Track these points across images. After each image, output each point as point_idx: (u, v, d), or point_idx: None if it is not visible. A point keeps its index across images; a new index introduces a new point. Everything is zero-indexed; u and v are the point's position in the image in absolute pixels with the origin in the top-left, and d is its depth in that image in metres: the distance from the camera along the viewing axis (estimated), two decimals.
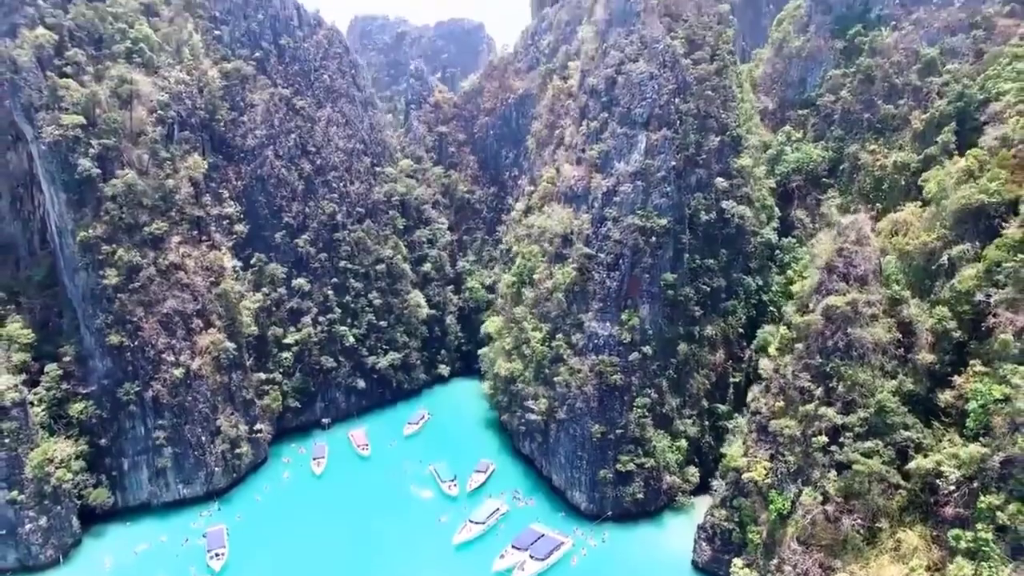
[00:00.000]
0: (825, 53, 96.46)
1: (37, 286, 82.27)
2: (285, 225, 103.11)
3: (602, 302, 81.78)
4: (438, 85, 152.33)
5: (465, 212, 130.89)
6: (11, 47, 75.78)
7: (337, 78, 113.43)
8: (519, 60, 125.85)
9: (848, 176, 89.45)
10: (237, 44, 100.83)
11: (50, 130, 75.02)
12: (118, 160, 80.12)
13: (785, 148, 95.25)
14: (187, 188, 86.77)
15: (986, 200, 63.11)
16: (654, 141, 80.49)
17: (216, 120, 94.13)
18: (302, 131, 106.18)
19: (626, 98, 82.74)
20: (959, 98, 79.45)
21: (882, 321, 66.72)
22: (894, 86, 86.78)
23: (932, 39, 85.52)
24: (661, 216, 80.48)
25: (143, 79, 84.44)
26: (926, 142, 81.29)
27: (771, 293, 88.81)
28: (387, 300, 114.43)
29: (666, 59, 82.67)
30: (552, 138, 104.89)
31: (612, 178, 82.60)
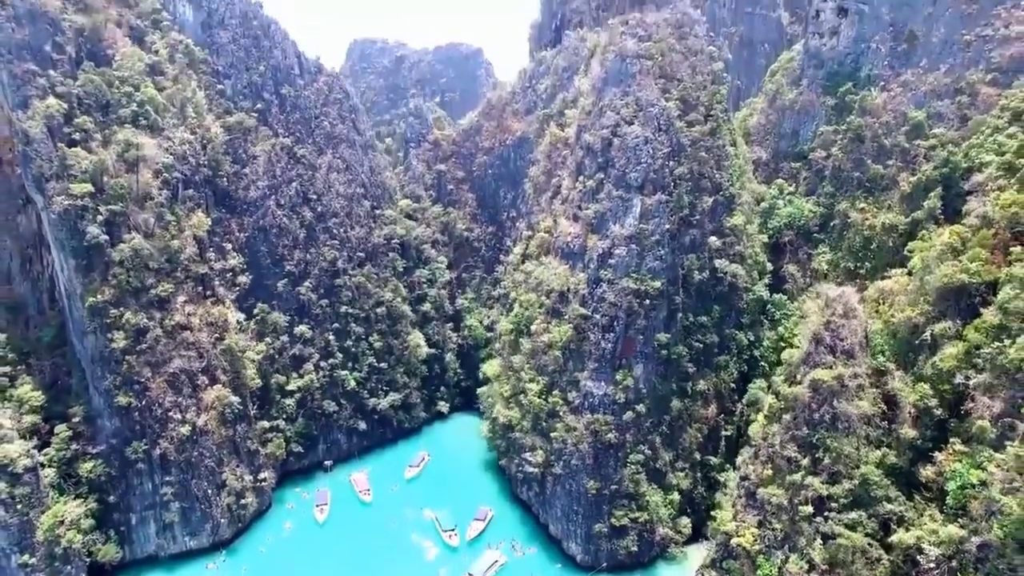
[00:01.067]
0: (817, 108, 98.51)
1: (47, 347, 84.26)
2: (287, 273, 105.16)
3: (597, 362, 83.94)
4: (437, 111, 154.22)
5: (464, 250, 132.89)
6: (23, 119, 77.70)
7: (337, 123, 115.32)
8: (517, 101, 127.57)
9: (839, 233, 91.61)
10: (239, 97, 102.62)
11: (60, 200, 77.04)
12: (125, 224, 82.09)
13: (778, 202, 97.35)
14: (191, 247, 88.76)
15: (967, 280, 65.38)
16: (648, 205, 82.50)
17: (219, 176, 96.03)
18: (303, 179, 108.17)
19: (621, 161, 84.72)
20: (945, 163, 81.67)
21: (868, 392, 69.14)
22: (883, 146, 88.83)
23: (919, 102, 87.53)
24: (655, 278, 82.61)
25: (148, 142, 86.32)
26: (914, 204, 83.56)
27: (762, 348, 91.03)
28: (387, 342, 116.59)
29: (661, 123, 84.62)
30: (549, 185, 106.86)
31: (608, 240, 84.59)
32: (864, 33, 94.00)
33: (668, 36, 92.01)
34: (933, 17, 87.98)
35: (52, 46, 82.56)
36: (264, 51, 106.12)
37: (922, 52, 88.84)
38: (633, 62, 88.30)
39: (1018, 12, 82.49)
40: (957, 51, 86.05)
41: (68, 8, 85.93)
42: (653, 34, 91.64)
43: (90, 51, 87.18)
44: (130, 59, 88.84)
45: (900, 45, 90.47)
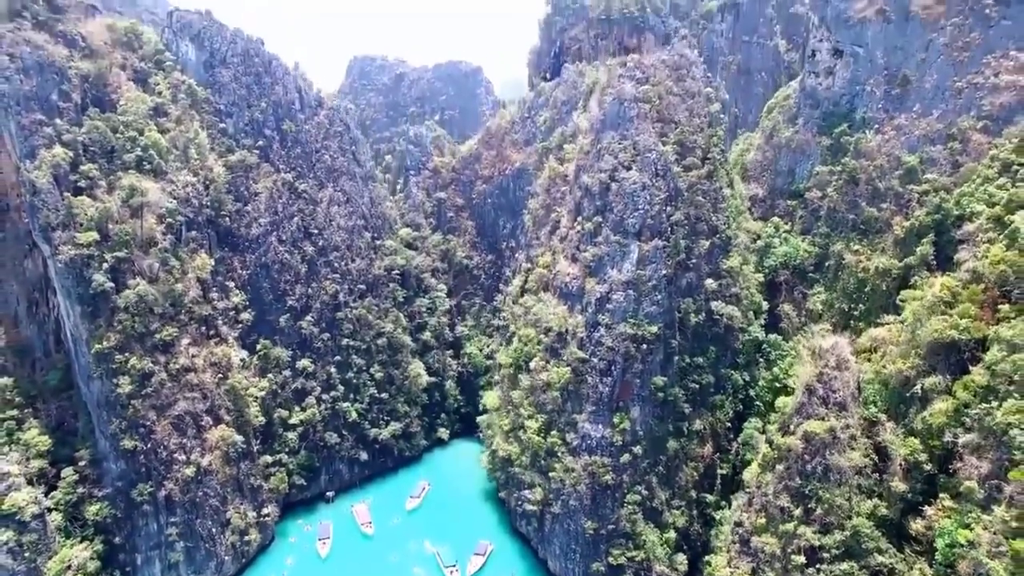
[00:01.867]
0: (812, 147, 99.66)
1: (53, 390, 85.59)
2: (289, 308, 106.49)
3: (595, 405, 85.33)
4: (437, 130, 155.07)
5: (463, 277, 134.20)
6: (31, 169, 78.88)
7: (338, 156, 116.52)
8: (516, 131, 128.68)
9: (833, 273, 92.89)
10: (241, 134, 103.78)
11: (66, 249, 78.29)
12: (130, 270, 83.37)
13: (774, 240, 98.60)
14: (195, 289, 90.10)
15: (957, 336, 66.76)
16: (646, 251, 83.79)
17: (222, 215, 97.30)
18: (304, 214, 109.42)
19: (619, 206, 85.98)
20: (937, 210, 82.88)
21: (860, 441, 70.73)
22: (877, 189, 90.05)
23: (912, 146, 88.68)
24: (652, 323, 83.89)
25: (152, 186, 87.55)
26: (907, 249, 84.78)
27: (757, 388, 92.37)
28: (388, 372, 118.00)
29: (658, 168, 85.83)
30: (548, 219, 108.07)
31: (606, 284, 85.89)
32: (859, 75, 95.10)
33: (666, 78, 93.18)
34: (926, 63, 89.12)
35: (58, 94, 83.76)
36: (265, 87, 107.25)
37: (915, 97, 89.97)
38: (631, 106, 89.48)
39: (1007, 62, 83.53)
40: (949, 97, 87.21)
41: (74, 55, 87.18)
42: (651, 76, 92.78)
43: (95, 97, 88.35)
44: (134, 103, 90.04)
45: (894, 89, 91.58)
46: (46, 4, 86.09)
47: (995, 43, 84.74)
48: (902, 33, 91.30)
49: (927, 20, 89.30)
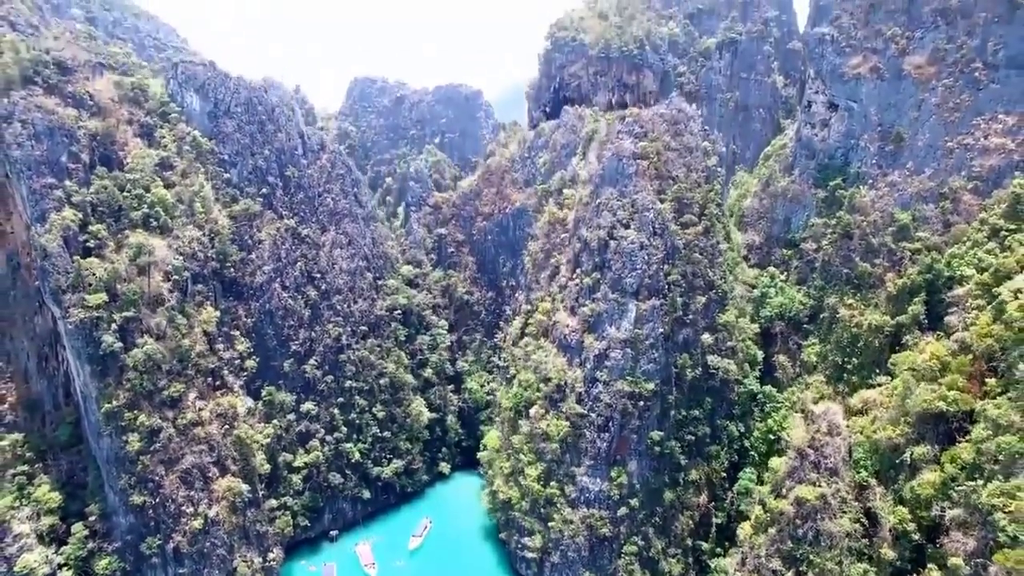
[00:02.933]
0: (808, 197, 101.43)
1: (63, 445, 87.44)
2: (293, 353, 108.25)
3: (593, 459, 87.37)
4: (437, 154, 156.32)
5: (464, 312, 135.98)
6: (41, 233, 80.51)
7: (340, 199, 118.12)
8: (516, 170, 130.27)
9: (827, 326, 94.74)
10: (245, 183, 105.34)
11: (76, 312, 79.96)
12: (138, 329, 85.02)
13: (769, 290, 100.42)
14: (201, 343, 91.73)
15: (945, 408, 68.74)
16: (643, 310, 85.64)
17: (226, 266, 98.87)
18: (307, 258, 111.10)
19: (617, 264, 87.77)
20: (928, 269, 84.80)
21: (851, 505, 72.85)
22: (870, 245, 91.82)
23: (905, 203, 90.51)
24: (649, 380, 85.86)
25: (159, 243, 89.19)
26: (899, 307, 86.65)
27: (752, 439, 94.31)
28: (390, 411, 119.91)
29: (656, 227, 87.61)
30: (548, 264, 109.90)
31: (604, 341, 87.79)
32: (853, 130, 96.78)
33: (664, 133, 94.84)
34: (918, 121, 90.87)
35: (68, 155, 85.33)
36: (268, 135, 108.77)
37: (908, 154, 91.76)
38: (629, 162, 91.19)
39: (996, 125, 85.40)
40: (941, 156, 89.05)
41: (83, 115, 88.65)
42: (649, 131, 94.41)
43: (103, 155, 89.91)
44: (140, 160, 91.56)
45: (887, 145, 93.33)
46: (56, 67, 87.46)
47: (984, 105, 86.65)
48: (895, 91, 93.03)
49: (919, 80, 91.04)
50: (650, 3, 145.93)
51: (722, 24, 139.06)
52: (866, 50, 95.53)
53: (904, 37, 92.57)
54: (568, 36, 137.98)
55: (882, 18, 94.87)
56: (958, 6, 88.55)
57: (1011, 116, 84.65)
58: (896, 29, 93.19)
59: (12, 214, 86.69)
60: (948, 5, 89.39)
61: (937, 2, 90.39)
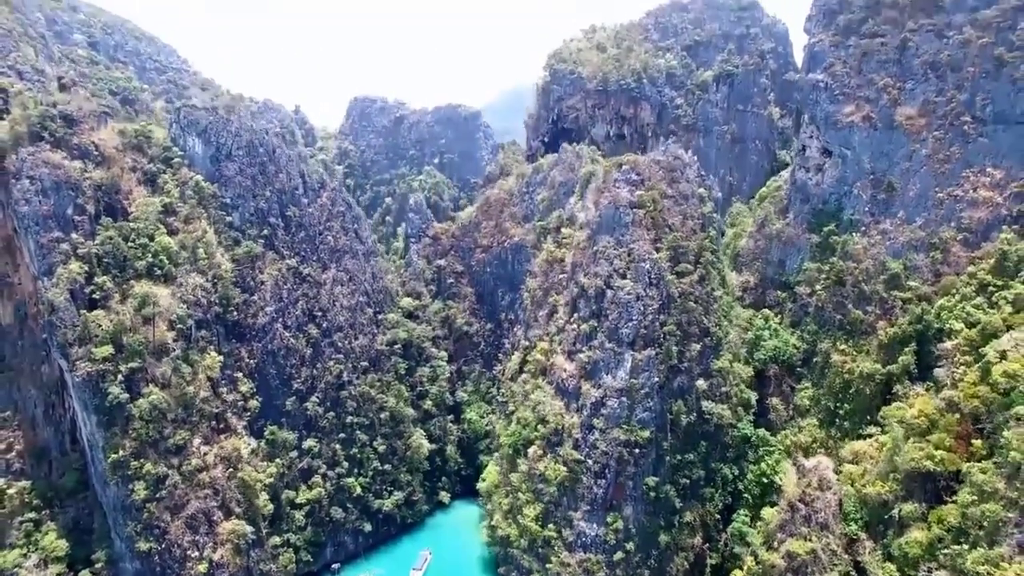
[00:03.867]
0: (802, 241, 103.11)
1: (69, 491, 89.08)
2: (295, 391, 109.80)
3: (590, 504, 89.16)
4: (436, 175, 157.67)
5: (463, 343, 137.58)
6: (48, 287, 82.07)
7: (340, 236, 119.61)
8: (515, 204, 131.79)
9: (820, 371, 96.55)
10: (247, 224, 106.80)
11: (83, 365, 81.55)
12: (143, 378, 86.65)
13: (764, 333, 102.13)
14: (205, 389, 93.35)
15: (932, 467, 70.56)
16: (639, 360, 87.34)
17: (229, 310, 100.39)
18: (308, 297, 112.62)
19: (614, 314, 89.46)
20: (918, 320, 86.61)
21: (841, 558, 74.75)
22: (863, 292, 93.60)
23: (897, 252, 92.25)
24: (644, 428, 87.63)
25: (163, 292, 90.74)
26: (890, 355, 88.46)
27: (746, 481, 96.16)
28: (391, 443, 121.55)
29: (652, 277, 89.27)
30: (546, 303, 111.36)
31: (600, 389, 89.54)
32: (846, 176, 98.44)
33: (660, 181, 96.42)
34: (910, 171, 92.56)
35: (74, 208, 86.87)
36: (270, 176, 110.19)
37: (900, 203, 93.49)
38: (626, 211, 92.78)
39: (984, 178, 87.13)
40: (931, 207, 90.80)
41: (88, 166, 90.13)
42: (646, 179, 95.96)
43: (108, 204, 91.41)
44: (144, 209, 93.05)
45: (880, 194, 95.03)
46: (63, 120, 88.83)
47: (973, 158, 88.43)
48: (887, 140, 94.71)
49: (910, 131, 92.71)
50: (647, 34, 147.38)
51: (719, 56, 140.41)
52: (859, 98, 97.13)
53: (896, 88, 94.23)
54: (566, 69, 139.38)
55: (874, 67, 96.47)
56: (948, 60, 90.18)
57: (999, 170, 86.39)
58: (888, 79, 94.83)
59: (20, 265, 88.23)
60: (938, 58, 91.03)
61: (927, 55, 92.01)
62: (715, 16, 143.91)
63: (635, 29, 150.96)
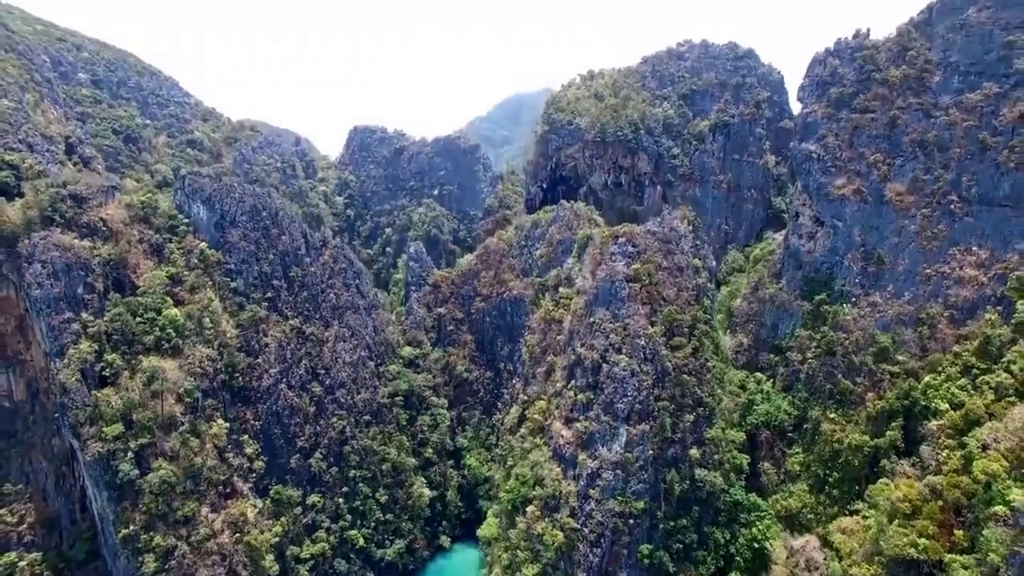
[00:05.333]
0: (794, 307, 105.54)
1: (80, 563, 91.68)
2: (299, 449, 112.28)
3: (586, 572, 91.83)
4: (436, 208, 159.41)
5: (463, 389, 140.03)
6: (60, 367, 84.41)
7: (343, 292, 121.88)
8: (514, 255, 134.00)
9: (811, 437, 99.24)
10: (251, 288, 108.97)
11: (94, 445, 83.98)
12: (153, 453, 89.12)
13: (756, 397, 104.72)
14: (213, 457, 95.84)
15: (916, 555, 73.26)
16: (634, 435, 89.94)
17: (235, 377, 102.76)
18: (312, 356, 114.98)
19: (609, 388, 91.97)
20: (905, 395, 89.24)
21: None
22: (852, 363, 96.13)
23: (885, 325, 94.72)
24: (639, 499, 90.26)
25: (170, 365, 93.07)
26: (878, 428, 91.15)
27: (738, 545, 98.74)
28: (392, 493, 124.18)
29: (647, 353, 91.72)
30: (544, 360, 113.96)
31: (596, 461, 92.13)
32: (838, 247, 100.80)
33: (655, 253, 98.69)
34: (899, 247, 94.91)
35: (84, 287, 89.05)
36: (273, 239, 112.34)
37: (889, 277, 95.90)
38: (622, 285, 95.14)
39: (970, 257, 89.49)
40: (919, 282, 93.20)
41: (97, 243, 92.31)
42: (642, 251, 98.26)
43: (116, 279, 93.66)
44: (151, 282, 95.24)
45: (870, 266, 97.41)
46: (72, 201, 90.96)
47: (960, 237, 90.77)
48: (878, 214, 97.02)
49: (900, 207, 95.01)
50: (645, 81, 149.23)
51: (715, 106, 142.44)
52: (850, 172, 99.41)
53: (885, 164, 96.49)
54: (564, 119, 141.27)
55: (865, 142, 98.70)
56: (935, 139, 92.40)
57: (983, 250, 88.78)
58: (878, 155, 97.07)
59: (31, 343, 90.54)
60: (926, 137, 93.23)
61: (916, 133, 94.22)
62: (711, 65, 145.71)
63: (632, 75, 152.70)
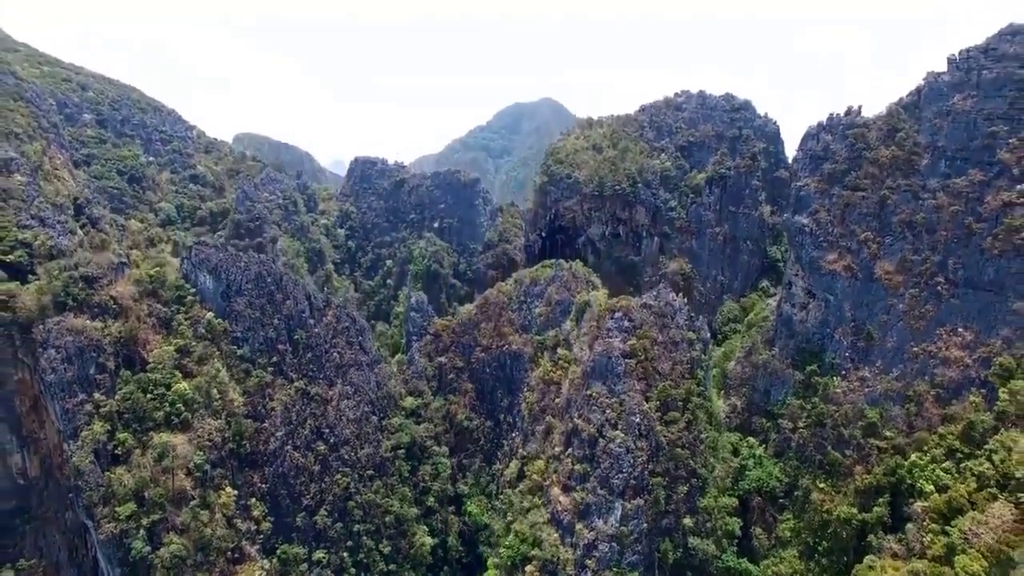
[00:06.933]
0: (787, 375, 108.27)
1: None
2: (305, 507, 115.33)
3: None
4: (437, 243, 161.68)
5: (464, 437, 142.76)
6: (74, 450, 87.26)
7: (346, 351, 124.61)
8: (513, 309, 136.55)
9: (801, 505, 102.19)
10: (256, 354, 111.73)
11: (108, 525, 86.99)
12: (164, 528, 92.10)
13: (748, 462, 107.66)
14: (222, 526, 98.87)
15: None
16: (629, 509, 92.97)
17: (242, 445, 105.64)
18: (316, 416, 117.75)
19: (606, 463, 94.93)
20: (892, 472, 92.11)
21: None
22: (841, 436, 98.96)
23: (874, 399, 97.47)
24: (634, 570, 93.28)
25: (180, 440, 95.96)
26: (866, 502, 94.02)
27: None
28: (396, 544, 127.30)
29: (642, 429, 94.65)
30: (543, 419, 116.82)
31: (593, 532, 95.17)
32: (829, 320, 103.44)
33: (651, 327, 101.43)
34: (888, 324, 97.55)
35: (96, 368, 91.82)
36: (277, 304, 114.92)
37: (878, 352, 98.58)
38: (619, 361, 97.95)
39: (955, 338, 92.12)
40: (907, 360, 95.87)
41: (107, 321, 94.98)
42: (638, 325, 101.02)
43: (126, 356, 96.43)
44: (161, 358, 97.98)
45: (860, 341, 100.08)
46: (84, 283, 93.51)
47: (946, 318, 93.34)
48: (868, 291, 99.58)
49: (889, 286, 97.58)
50: (643, 132, 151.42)
51: (712, 158, 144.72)
52: (841, 248, 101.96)
53: (875, 242, 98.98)
54: (563, 171, 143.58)
55: (856, 219, 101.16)
56: (923, 221, 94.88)
57: (969, 332, 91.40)
58: (869, 233, 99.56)
59: (45, 422, 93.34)
60: (914, 219, 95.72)
61: (905, 214, 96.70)
62: (708, 116, 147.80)
63: (631, 124, 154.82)
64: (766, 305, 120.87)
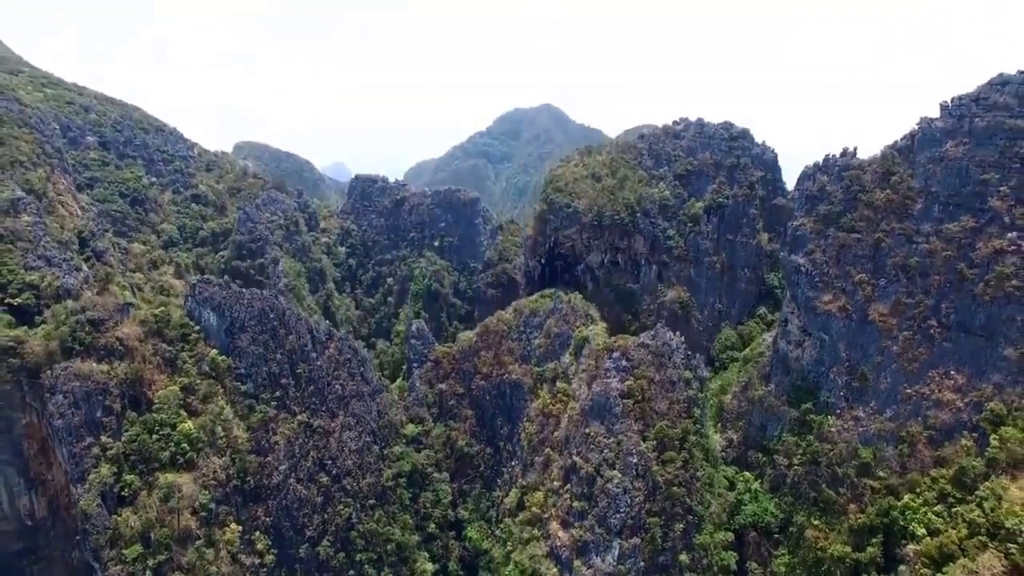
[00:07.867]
0: (782, 412, 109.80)
1: None
2: (308, 538, 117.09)
3: None
4: (438, 262, 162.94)
5: (464, 463, 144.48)
6: (81, 494, 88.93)
7: (348, 382, 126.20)
8: (513, 338, 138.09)
9: (796, 541, 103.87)
10: (260, 389, 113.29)
11: (115, 569, 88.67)
12: (170, 568, 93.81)
13: (744, 497, 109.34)
14: (227, 563, 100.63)
15: None
16: (626, 548, 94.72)
17: (246, 481, 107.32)
18: (319, 448, 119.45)
19: (603, 503, 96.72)
20: (885, 513, 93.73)
21: None
22: (835, 474, 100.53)
23: (868, 440, 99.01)
24: None
25: (185, 479, 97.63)
26: (860, 541, 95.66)
27: None
28: (397, 571, 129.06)
29: (639, 470, 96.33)
30: (543, 451, 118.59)
31: (591, 570, 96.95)
32: (824, 359, 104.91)
33: (648, 367, 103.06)
34: (881, 366, 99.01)
35: (102, 411, 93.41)
36: (280, 339, 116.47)
37: (872, 393, 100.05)
38: (616, 401, 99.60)
39: (948, 381, 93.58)
40: (900, 401, 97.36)
41: (113, 363, 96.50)
42: (635, 365, 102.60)
43: (132, 397, 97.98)
44: (166, 398, 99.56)
45: (854, 381, 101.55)
46: (91, 326, 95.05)
47: (939, 361, 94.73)
48: (862, 332, 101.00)
49: (883, 328, 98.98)
50: (641, 161, 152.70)
51: (710, 186, 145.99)
52: (836, 289, 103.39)
53: (870, 284, 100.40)
54: (562, 200, 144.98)
55: (851, 260, 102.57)
56: (916, 265, 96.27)
57: (961, 375, 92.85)
58: (863, 275, 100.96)
59: (52, 464, 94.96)
60: (908, 262, 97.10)
61: (899, 257, 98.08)
62: (707, 145, 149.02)
63: (630, 151, 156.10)
64: (762, 340, 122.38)
